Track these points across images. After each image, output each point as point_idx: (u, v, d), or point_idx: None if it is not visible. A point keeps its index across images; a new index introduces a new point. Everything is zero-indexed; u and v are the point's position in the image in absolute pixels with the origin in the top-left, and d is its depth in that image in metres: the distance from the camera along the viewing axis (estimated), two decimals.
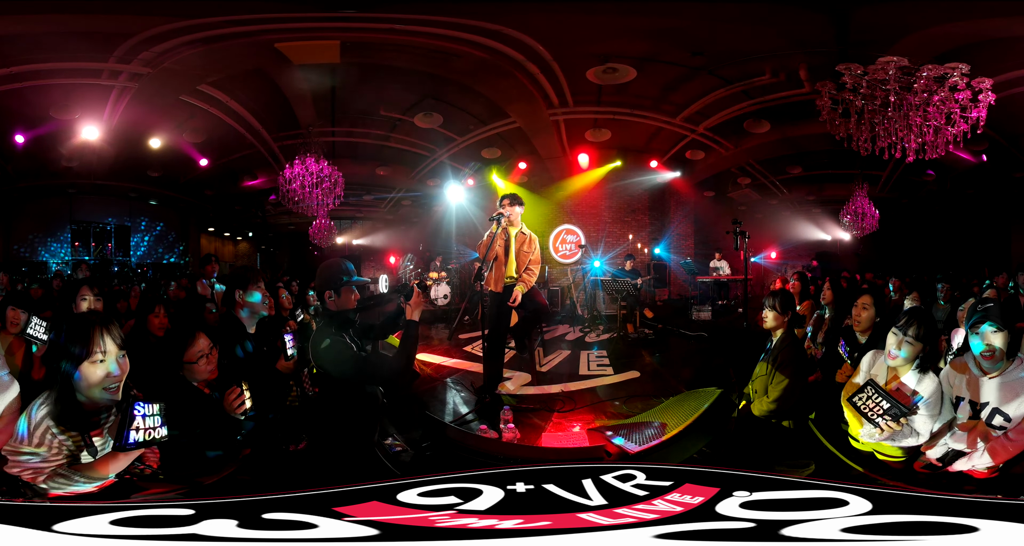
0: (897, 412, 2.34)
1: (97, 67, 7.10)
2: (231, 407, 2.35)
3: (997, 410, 2.27)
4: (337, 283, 2.67)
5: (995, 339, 2.25)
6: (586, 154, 10.22)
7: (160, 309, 3.47)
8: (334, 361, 2.55)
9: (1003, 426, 2.24)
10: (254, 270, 3.20)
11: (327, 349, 2.55)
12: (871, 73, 5.74)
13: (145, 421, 1.80)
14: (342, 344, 2.56)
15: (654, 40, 6.93)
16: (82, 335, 1.85)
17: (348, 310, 2.71)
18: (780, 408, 3.09)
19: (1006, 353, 2.27)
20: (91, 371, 1.83)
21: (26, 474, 1.76)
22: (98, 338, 1.85)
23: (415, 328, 2.62)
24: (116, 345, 1.89)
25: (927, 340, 2.47)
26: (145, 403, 1.81)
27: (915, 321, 2.48)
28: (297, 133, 9.58)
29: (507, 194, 4.66)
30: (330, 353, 2.55)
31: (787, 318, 3.22)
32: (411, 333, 2.61)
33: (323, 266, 2.76)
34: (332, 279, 2.69)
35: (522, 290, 4.49)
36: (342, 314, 2.69)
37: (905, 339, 2.47)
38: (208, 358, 2.41)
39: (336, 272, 2.71)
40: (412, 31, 6.61)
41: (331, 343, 2.55)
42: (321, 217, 11.00)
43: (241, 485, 2.04)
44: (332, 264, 2.75)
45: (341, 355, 2.54)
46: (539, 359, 5.95)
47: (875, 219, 10.53)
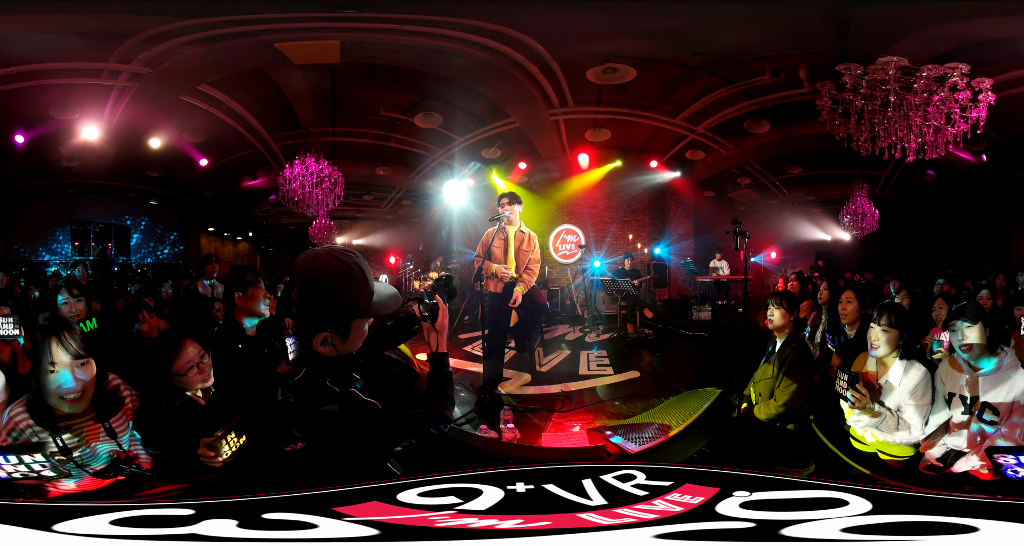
0: (853, 379, 2.48)
1: (97, 67, 7.10)
2: (205, 456, 1.97)
3: (986, 404, 2.31)
4: (341, 317, 1.51)
5: (969, 333, 2.33)
6: (586, 154, 10.22)
7: (144, 315, 3.41)
8: (343, 436, 1.47)
9: (993, 420, 2.28)
10: (254, 271, 3.01)
11: (332, 421, 1.46)
12: (871, 73, 5.74)
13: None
14: (358, 412, 1.48)
15: (654, 40, 6.93)
16: (41, 345, 1.87)
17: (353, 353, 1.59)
18: (788, 412, 3.06)
19: (986, 347, 2.34)
20: (45, 381, 1.85)
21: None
22: (47, 351, 1.85)
23: (446, 363, 1.67)
24: (70, 355, 1.86)
25: (901, 326, 2.57)
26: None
27: (885, 310, 2.61)
28: (297, 133, 9.59)
29: (505, 193, 4.67)
30: (336, 426, 1.46)
31: (793, 317, 3.22)
32: (443, 371, 1.65)
33: (311, 281, 1.49)
34: (333, 309, 1.50)
35: (522, 290, 4.50)
36: (345, 361, 1.56)
37: (880, 328, 2.58)
38: (199, 367, 2.20)
39: (342, 296, 1.48)
40: (412, 31, 6.60)
41: (339, 416, 1.46)
42: (321, 217, 10.99)
43: (241, 485, 2.04)
44: (332, 277, 1.48)
45: (356, 429, 1.48)
46: (539, 359, 5.95)
47: (875, 219, 10.52)
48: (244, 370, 2.72)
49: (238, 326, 2.88)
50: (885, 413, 2.51)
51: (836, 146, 6.52)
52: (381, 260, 14.44)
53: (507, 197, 4.61)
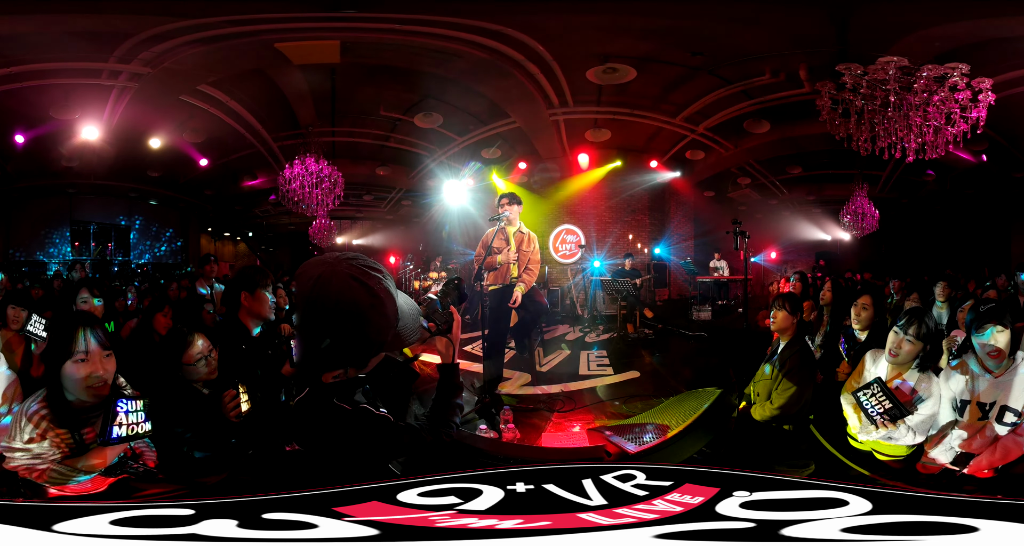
0: (897, 413, 2.36)
1: (97, 67, 7.10)
2: (226, 409, 2.28)
3: (1007, 408, 2.28)
4: (363, 356, 1.32)
5: (1000, 338, 2.27)
6: (586, 154, 10.23)
7: (168, 309, 3.48)
8: (353, 451, 1.37)
9: (1014, 423, 2.26)
10: (262, 271, 2.92)
11: (344, 438, 1.34)
12: (871, 73, 5.74)
13: (128, 417, 1.87)
14: (370, 428, 1.34)
15: (654, 40, 6.93)
16: (66, 335, 1.88)
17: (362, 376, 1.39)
18: (783, 414, 3.05)
19: (1009, 353, 2.30)
20: (74, 370, 1.86)
21: (22, 470, 1.78)
22: (80, 338, 1.87)
23: (458, 374, 1.60)
24: (99, 345, 1.91)
25: (927, 339, 2.50)
26: (128, 400, 1.89)
27: (916, 320, 2.51)
28: (297, 133, 9.59)
29: (505, 193, 4.67)
30: (347, 443, 1.34)
31: (796, 320, 3.18)
32: (455, 382, 1.59)
33: (328, 311, 1.22)
34: (355, 348, 1.28)
35: (522, 290, 4.50)
36: (354, 382, 1.35)
37: (906, 338, 2.49)
38: (208, 360, 2.36)
39: (368, 334, 1.26)
40: (412, 31, 6.61)
41: (350, 433, 1.33)
42: (321, 217, 11.01)
43: (241, 485, 2.04)
44: (356, 309, 1.23)
45: (366, 445, 1.37)
46: (539, 359, 5.95)
47: (875, 219, 10.54)
48: (248, 370, 2.68)
49: (243, 327, 2.79)
50: (901, 425, 2.46)
51: (836, 146, 6.52)
52: (381, 260, 14.42)
53: (507, 197, 4.61)
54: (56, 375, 1.87)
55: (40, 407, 1.85)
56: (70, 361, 1.86)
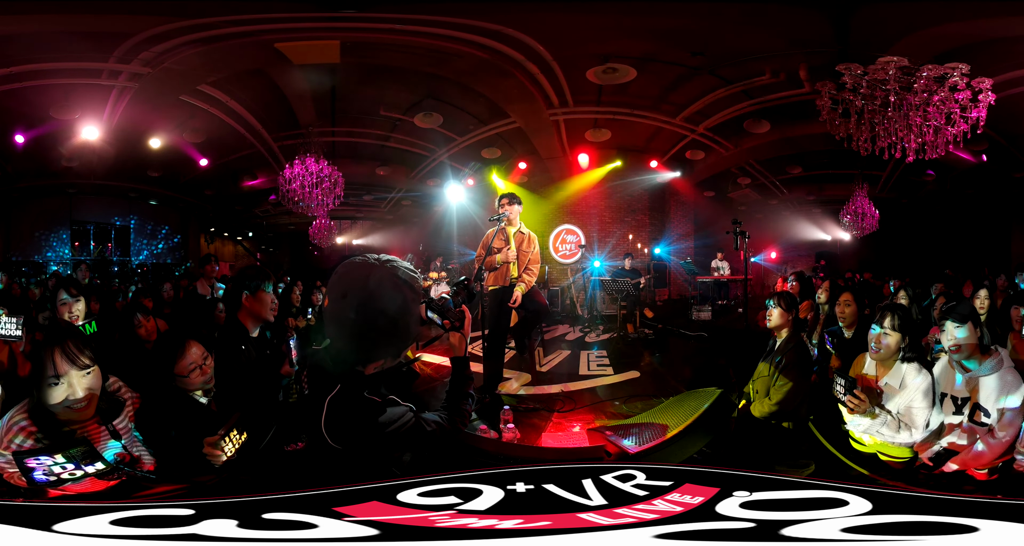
0: (848, 384, 2.48)
1: (97, 67, 7.10)
2: (210, 456, 1.98)
3: (977, 405, 2.31)
4: (403, 346, 1.54)
5: (957, 333, 2.33)
6: (586, 154, 10.23)
7: (140, 319, 3.36)
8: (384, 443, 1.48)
9: (984, 423, 2.27)
10: (263, 270, 2.84)
11: (376, 430, 1.45)
12: (871, 73, 5.74)
13: (51, 468, 1.71)
14: (397, 419, 1.47)
15: (654, 40, 6.94)
16: (38, 357, 1.80)
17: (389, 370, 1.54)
18: (781, 411, 3.08)
19: (977, 348, 2.33)
20: (48, 393, 1.79)
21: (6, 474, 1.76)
22: (50, 362, 1.79)
23: (469, 366, 1.76)
24: (76, 365, 1.81)
25: (904, 330, 2.55)
26: (43, 456, 1.72)
27: (889, 312, 2.58)
28: (297, 133, 9.59)
29: (505, 193, 4.67)
30: (379, 435, 1.46)
31: (792, 317, 3.21)
32: (467, 373, 1.75)
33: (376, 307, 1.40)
34: (398, 338, 1.50)
35: (522, 290, 4.50)
36: (383, 374, 1.51)
37: (883, 331, 2.56)
38: (202, 369, 2.21)
39: (410, 324, 1.48)
40: (412, 31, 6.61)
41: (382, 425, 1.45)
42: (321, 217, 11.02)
43: (241, 485, 2.04)
44: (402, 301, 1.43)
45: (395, 435, 1.48)
46: (539, 359, 5.95)
47: (875, 219, 10.54)
48: (247, 371, 2.67)
49: (242, 328, 2.76)
50: (884, 416, 2.50)
51: (836, 146, 6.52)
52: None
53: (507, 197, 4.61)
54: (38, 390, 1.81)
55: (28, 424, 1.79)
56: (44, 384, 1.79)
